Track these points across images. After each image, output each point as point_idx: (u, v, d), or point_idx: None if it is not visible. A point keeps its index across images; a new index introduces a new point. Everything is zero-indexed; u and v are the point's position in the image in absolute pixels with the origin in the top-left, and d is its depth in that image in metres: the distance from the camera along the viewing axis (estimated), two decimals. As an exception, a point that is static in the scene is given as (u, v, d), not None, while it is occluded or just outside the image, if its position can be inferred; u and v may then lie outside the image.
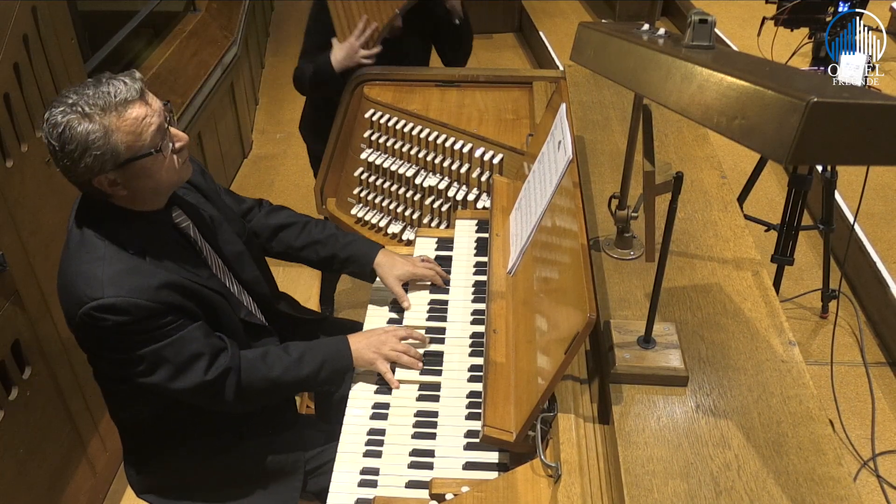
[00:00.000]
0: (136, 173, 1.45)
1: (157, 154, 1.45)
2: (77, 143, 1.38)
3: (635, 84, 1.32)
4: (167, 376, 1.53)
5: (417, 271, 1.94)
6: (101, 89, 1.40)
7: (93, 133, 1.38)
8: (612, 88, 2.42)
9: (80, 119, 1.38)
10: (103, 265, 1.46)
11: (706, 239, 1.75)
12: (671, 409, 1.32)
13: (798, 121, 0.90)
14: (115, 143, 1.39)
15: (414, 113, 2.40)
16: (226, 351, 1.59)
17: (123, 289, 1.44)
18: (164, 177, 1.49)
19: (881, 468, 2.55)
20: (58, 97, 1.42)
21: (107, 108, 1.39)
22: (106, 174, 1.43)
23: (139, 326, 1.47)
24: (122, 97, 1.40)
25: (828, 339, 2.94)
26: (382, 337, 1.74)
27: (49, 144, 1.41)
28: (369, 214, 2.53)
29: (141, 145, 1.42)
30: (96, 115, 1.38)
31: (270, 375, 1.63)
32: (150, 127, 1.43)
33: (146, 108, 1.43)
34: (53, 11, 2.18)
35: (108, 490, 2.52)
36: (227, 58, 4.20)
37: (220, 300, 1.63)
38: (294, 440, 1.80)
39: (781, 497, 1.16)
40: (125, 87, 1.41)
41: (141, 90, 1.43)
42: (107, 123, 1.38)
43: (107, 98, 1.39)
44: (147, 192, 1.51)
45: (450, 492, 1.40)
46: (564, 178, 1.61)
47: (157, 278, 1.48)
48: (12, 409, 1.99)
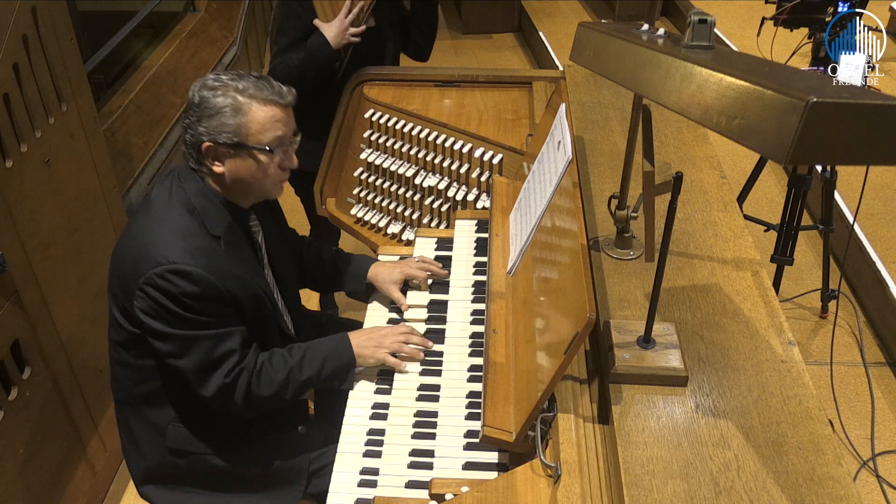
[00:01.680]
0: (240, 160, 1.58)
1: (267, 154, 1.57)
2: (213, 106, 1.53)
3: (635, 84, 1.32)
4: (193, 365, 1.57)
5: (409, 272, 1.96)
6: (261, 82, 1.56)
7: (231, 105, 1.53)
8: (611, 88, 2.42)
9: (230, 90, 1.53)
10: (186, 236, 1.54)
11: (706, 239, 1.75)
12: (671, 409, 1.32)
13: (797, 121, 0.90)
14: (242, 123, 1.54)
15: (413, 113, 2.40)
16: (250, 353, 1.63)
17: (201, 262, 1.52)
18: (259, 180, 1.61)
19: (881, 468, 2.55)
20: (220, 70, 1.60)
21: (255, 96, 1.54)
22: (217, 145, 1.55)
23: (200, 304, 1.53)
24: (272, 97, 1.56)
25: (827, 339, 2.94)
26: (383, 331, 1.77)
27: (191, 97, 1.56)
28: (369, 214, 2.53)
29: (260, 139, 1.56)
30: (243, 95, 1.54)
31: (276, 378, 1.65)
32: (276, 131, 1.57)
33: (283, 116, 1.59)
34: (53, 11, 2.19)
35: (108, 490, 2.52)
36: (226, 58, 4.20)
37: (269, 307, 1.70)
38: (299, 443, 1.81)
39: (781, 497, 1.16)
40: (280, 90, 1.57)
41: (289, 103, 1.60)
42: (247, 105, 1.54)
43: (260, 89, 1.55)
44: (239, 184, 1.61)
45: (449, 492, 1.40)
46: (564, 178, 1.61)
47: (230, 266, 1.57)
48: (12, 409, 1.99)
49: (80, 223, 2.31)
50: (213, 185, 1.62)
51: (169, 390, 1.70)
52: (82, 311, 2.33)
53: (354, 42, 2.47)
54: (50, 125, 2.17)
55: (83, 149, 2.35)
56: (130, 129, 3.12)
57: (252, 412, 1.67)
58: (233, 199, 1.65)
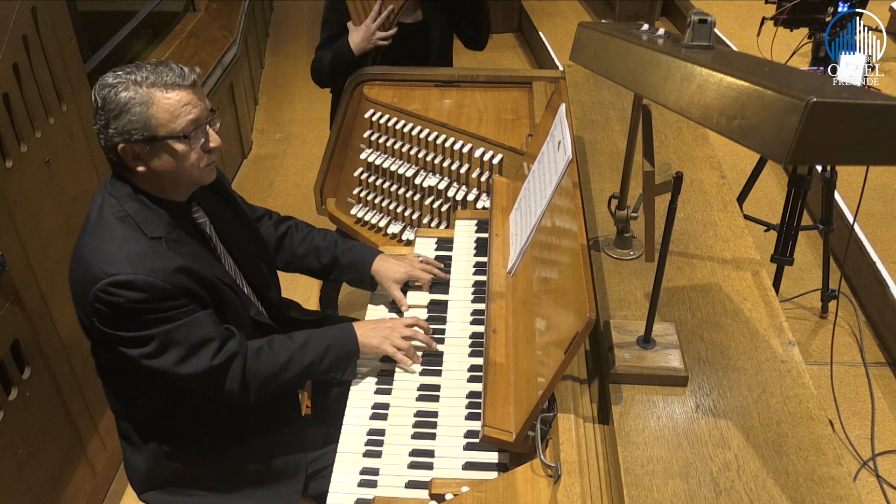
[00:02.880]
0: (159, 153, 1.51)
1: (185, 140, 1.50)
2: (117, 104, 1.46)
3: (635, 84, 1.32)
4: (176, 359, 1.54)
5: (413, 273, 1.95)
6: (159, 68, 1.49)
7: (134, 99, 1.46)
8: (611, 88, 2.42)
9: (129, 85, 1.46)
10: (122, 245, 1.50)
11: (706, 239, 1.75)
12: (671, 409, 1.32)
13: (797, 121, 0.90)
14: (150, 115, 1.47)
15: (413, 113, 2.40)
16: (234, 338, 1.61)
17: (140, 267, 1.48)
18: (185, 168, 1.54)
19: (881, 468, 2.55)
20: (118, 67, 1.51)
21: (156, 84, 1.47)
22: (132, 144, 1.48)
23: (153, 305, 1.50)
24: (174, 80, 1.48)
25: (827, 339, 2.94)
26: (389, 324, 1.76)
27: (94, 101, 1.49)
28: (369, 215, 2.53)
29: (173, 127, 1.49)
30: (143, 86, 1.47)
31: (276, 361, 1.63)
32: (188, 114, 1.50)
33: (191, 98, 1.51)
34: (53, 11, 2.19)
35: (108, 490, 2.52)
36: (226, 58, 4.20)
37: (231, 295, 1.66)
38: (296, 441, 1.80)
39: (781, 497, 1.16)
40: (180, 72, 1.50)
41: (193, 82, 1.52)
42: (149, 96, 1.47)
43: (159, 75, 1.48)
44: (166, 177, 1.55)
45: (449, 492, 1.40)
46: (564, 178, 1.61)
47: (174, 262, 1.52)
48: (12, 409, 1.99)
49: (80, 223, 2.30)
50: (143, 185, 1.56)
51: (155, 395, 1.68)
52: (82, 311, 2.33)
53: (383, 45, 2.52)
54: (50, 125, 2.17)
55: (83, 149, 2.35)
56: (130, 129, 3.12)
57: (252, 397, 1.63)
58: (166, 196, 1.58)
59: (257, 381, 1.62)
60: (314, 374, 1.70)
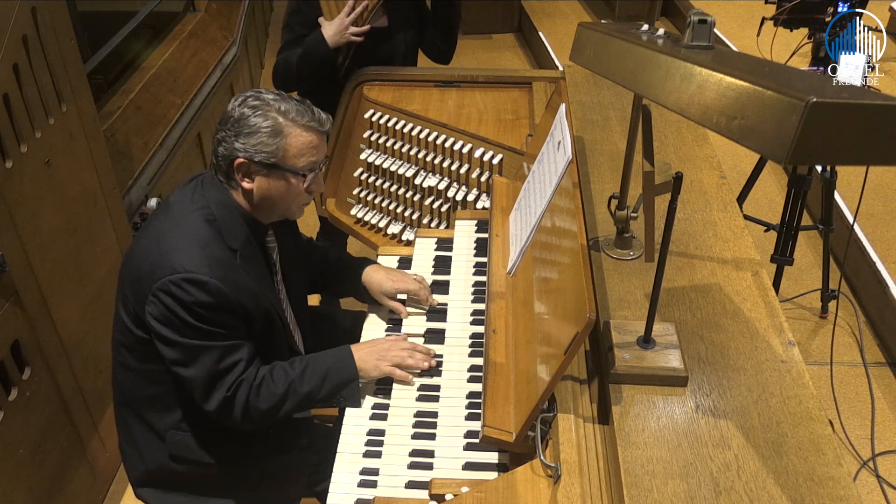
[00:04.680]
0: (272, 180, 1.59)
1: (300, 178, 1.60)
2: (255, 124, 1.54)
3: (635, 84, 1.32)
4: (197, 375, 1.56)
5: (403, 286, 1.91)
6: (303, 107, 1.58)
7: (273, 127, 1.55)
8: (611, 89, 2.42)
9: (273, 112, 1.55)
10: (205, 246, 1.54)
11: (706, 239, 1.75)
12: (671, 409, 1.32)
13: (797, 121, 0.90)
14: (281, 145, 1.56)
15: (413, 113, 2.40)
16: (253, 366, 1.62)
17: (216, 273, 1.52)
18: (287, 200, 1.63)
19: (881, 468, 2.55)
20: (260, 89, 1.60)
21: (295, 121, 1.56)
22: (252, 163, 1.56)
23: (212, 314, 1.53)
24: (312, 123, 1.58)
25: (827, 340, 2.94)
26: (386, 344, 1.74)
27: (231, 111, 1.57)
28: (369, 215, 2.53)
29: (295, 163, 1.58)
30: (284, 119, 1.55)
31: (276, 392, 1.63)
32: (312, 157, 1.60)
33: (320, 143, 1.61)
34: (53, 12, 2.18)
35: (108, 490, 2.52)
36: (226, 58, 4.20)
37: (280, 326, 1.70)
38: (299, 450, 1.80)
39: (781, 497, 1.16)
40: (320, 118, 1.60)
41: (327, 133, 1.64)
42: (288, 128, 1.56)
43: (302, 115, 1.57)
44: (266, 202, 1.62)
45: (449, 492, 1.40)
46: (564, 178, 1.61)
47: (244, 280, 1.57)
48: (12, 409, 1.99)
49: (80, 223, 2.31)
50: (238, 198, 1.63)
51: (173, 396, 1.69)
52: (82, 311, 2.33)
53: (356, 41, 2.46)
54: (50, 125, 2.17)
55: (83, 149, 2.35)
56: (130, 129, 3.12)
57: (250, 426, 1.64)
58: (254, 215, 1.65)
59: (256, 412, 1.62)
60: (315, 402, 1.69)
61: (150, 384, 1.69)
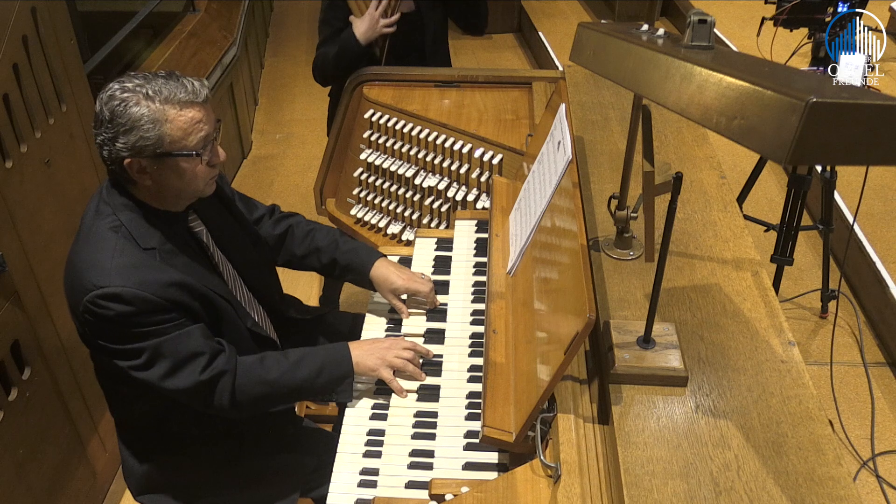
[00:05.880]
0: (167, 168, 1.49)
1: (195, 158, 1.50)
2: (128, 119, 1.43)
3: (634, 84, 1.32)
4: (163, 372, 1.52)
5: (413, 287, 1.89)
6: (172, 82, 1.46)
7: (147, 116, 1.43)
8: (611, 89, 2.42)
9: (141, 99, 1.43)
10: (114, 256, 1.48)
11: (706, 239, 1.75)
12: (671, 409, 1.32)
13: (797, 121, 0.90)
14: (163, 133, 1.45)
15: (413, 113, 2.40)
16: (223, 353, 1.58)
17: (131, 280, 1.46)
18: (190, 182, 1.53)
19: (881, 468, 2.55)
20: (124, 76, 1.48)
21: (169, 100, 1.44)
22: (140, 159, 1.46)
23: (141, 319, 1.48)
24: (188, 97, 1.46)
25: (827, 340, 2.94)
26: (386, 343, 1.72)
27: (99, 112, 1.46)
28: (369, 215, 2.53)
29: (184, 145, 1.47)
30: (156, 102, 1.44)
31: (267, 379, 1.61)
32: (200, 132, 1.49)
33: (204, 114, 1.49)
34: (53, 12, 2.19)
35: (108, 490, 2.52)
36: (226, 58, 4.20)
37: (227, 307, 1.64)
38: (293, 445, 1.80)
39: (781, 497, 1.16)
40: (193, 88, 1.48)
41: (206, 97, 1.50)
42: (163, 113, 1.44)
43: (173, 91, 1.45)
44: (170, 191, 1.54)
45: (449, 492, 1.40)
46: (564, 178, 1.61)
47: (167, 275, 1.50)
48: (12, 409, 1.99)
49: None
50: (142, 196, 1.55)
51: (154, 402, 1.67)
52: (82, 311, 2.33)
53: (389, 32, 2.52)
54: (50, 126, 2.17)
55: (83, 149, 2.35)
56: (130, 129, 3.12)
57: (241, 413, 1.62)
58: (165, 207, 1.57)
59: (247, 398, 1.60)
60: (307, 394, 1.67)
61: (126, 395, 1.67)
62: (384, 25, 2.50)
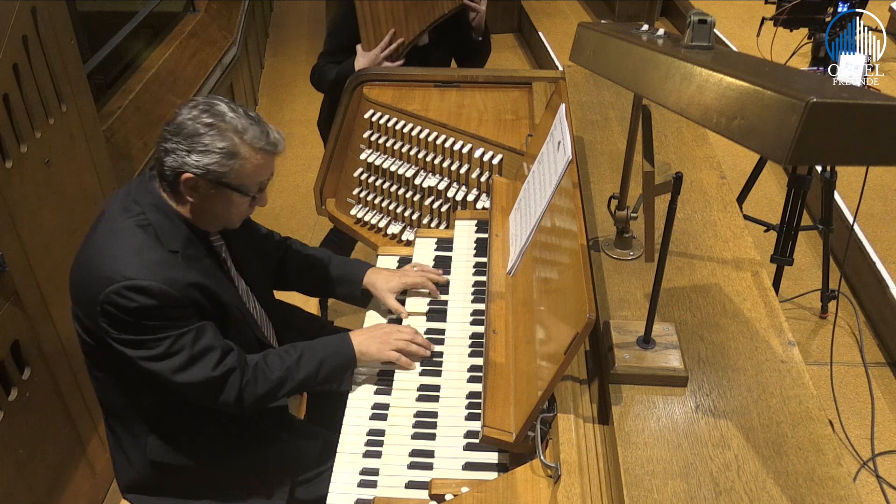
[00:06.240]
0: (219, 197, 1.56)
1: (248, 197, 1.59)
2: (209, 142, 1.50)
3: (634, 84, 1.32)
4: (177, 366, 1.54)
5: (408, 280, 1.93)
6: (259, 127, 1.55)
7: (227, 148, 1.51)
8: (611, 89, 2.42)
9: (228, 131, 1.51)
10: (141, 251, 1.52)
11: (705, 239, 1.75)
12: (671, 409, 1.32)
13: (797, 121, 0.90)
14: (233, 167, 1.52)
15: (413, 113, 2.40)
16: (233, 351, 1.61)
17: (157, 276, 1.50)
18: (231, 214, 1.62)
19: (881, 468, 2.55)
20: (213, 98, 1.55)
21: (252, 144, 1.53)
22: (200, 179, 1.52)
23: (162, 313, 1.51)
24: (268, 147, 1.56)
25: (827, 340, 2.94)
26: (386, 328, 1.76)
27: (181, 123, 1.51)
28: (369, 215, 2.53)
29: (245, 183, 1.56)
30: (240, 139, 1.52)
31: (272, 377, 1.64)
32: (262, 177, 1.59)
33: (271, 165, 1.61)
34: (53, 12, 2.19)
35: (108, 490, 2.52)
36: (226, 58, 4.20)
37: (239, 315, 1.69)
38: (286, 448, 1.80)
39: (781, 497, 1.16)
40: (276, 139, 1.58)
41: (280, 152, 1.61)
42: (242, 151, 1.52)
43: (258, 136, 1.54)
44: (209, 214, 1.60)
45: (449, 492, 1.40)
46: (564, 178, 1.61)
47: (189, 276, 1.55)
48: (12, 409, 1.99)
49: (80, 223, 2.31)
50: (175, 204, 1.59)
51: (145, 402, 1.69)
52: (82, 311, 2.33)
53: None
54: (50, 126, 2.17)
55: (83, 149, 2.35)
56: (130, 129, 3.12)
57: (246, 410, 1.64)
58: (194, 222, 1.62)
59: (253, 396, 1.62)
60: (310, 387, 1.71)
61: (121, 394, 1.68)
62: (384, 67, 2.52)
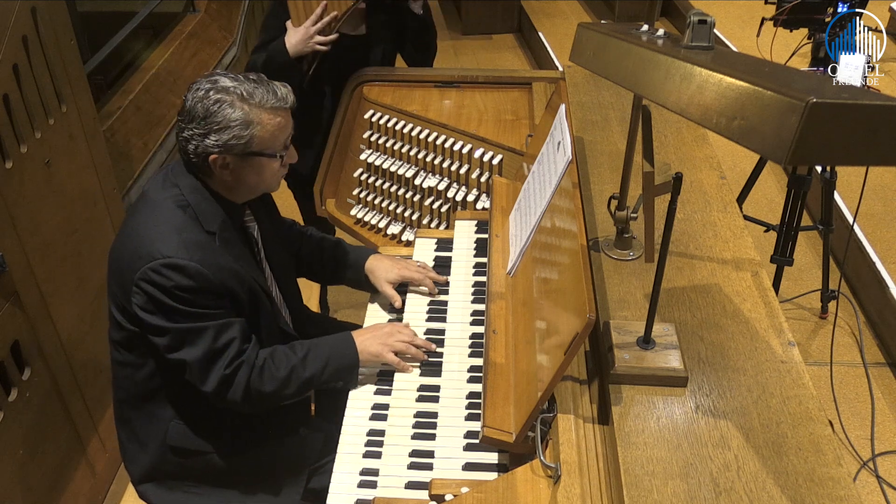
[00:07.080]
0: (250, 166, 1.58)
1: (277, 158, 1.60)
2: (223, 119, 1.51)
3: (634, 85, 1.32)
4: (198, 355, 1.56)
5: (407, 274, 1.94)
6: (264, 87, 1.54)
7: (241, 118, 1.51)
8: (611, 89, 2.42)
9: (236, 101, 1.51)
10: (181, 231, 1.54)
11: (705, 239, 1.75)
12: (671, 409, 1.32)
13: (797, 121, 0.90)
14: (254, 134, 1.53)
15: (413, 114, 2.40)
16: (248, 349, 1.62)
17: (196, 256, 1.52)
18: (266, 179, 1.62)
19: (881, 468, 2.55)
20: (213, 74, 1.55)
21: (262, 106, 1.53)
22: (227, 155, 1.54)
23: (195, 297, 1.53)
24: (278, 103, 1.55)
25: (827, 340, 2.94)
26: (387, 329, 1.76)
27: (191, 109, 1.52)
28: (369, 215, 2.53)
29: (270, 147, 1.57)
30: (250, 106, 1.52)
31: (278, 376, 1.64)
32: (284, 135, 1.59)
33: (288, 119, 1.60)
34: (53, 12, 2.18)
35: (108, 490, 2.52)
36: (226, 59, 4.20)
37: (267, 303, 1.70)
38: (299, 440, 1.81)
39: (781, 497, 1.16)
40: (283, 94, 1.57)
41: (293, 104, 1.60)
42: (257, 116, 1.53)
43: (265, 96, 1.53)
44: (245, 185, 1.62)
45: (449, 492, 1.40)
46: (564, 178, 1.61)
47: (224, 260, 1.57)
48: (12, 410, 1.99)
49: (80, 224, 2.31)
50: (214, 185, 1.61)
51: (170, 388, 1.70)
52: (82, 311, 2.33)
53: (321, 50, 2.39)
54: (50, 126, 2.17)
55: (83, 150, 2.35)
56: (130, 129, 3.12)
57: (252, 408, 1.65)
58: (233, 198, 1.64)
59: (257, 394, 1.63)
60: (315, 386, 1.71)
61: (148, 378, 1.69)
62: (317, 43, 2.36)
